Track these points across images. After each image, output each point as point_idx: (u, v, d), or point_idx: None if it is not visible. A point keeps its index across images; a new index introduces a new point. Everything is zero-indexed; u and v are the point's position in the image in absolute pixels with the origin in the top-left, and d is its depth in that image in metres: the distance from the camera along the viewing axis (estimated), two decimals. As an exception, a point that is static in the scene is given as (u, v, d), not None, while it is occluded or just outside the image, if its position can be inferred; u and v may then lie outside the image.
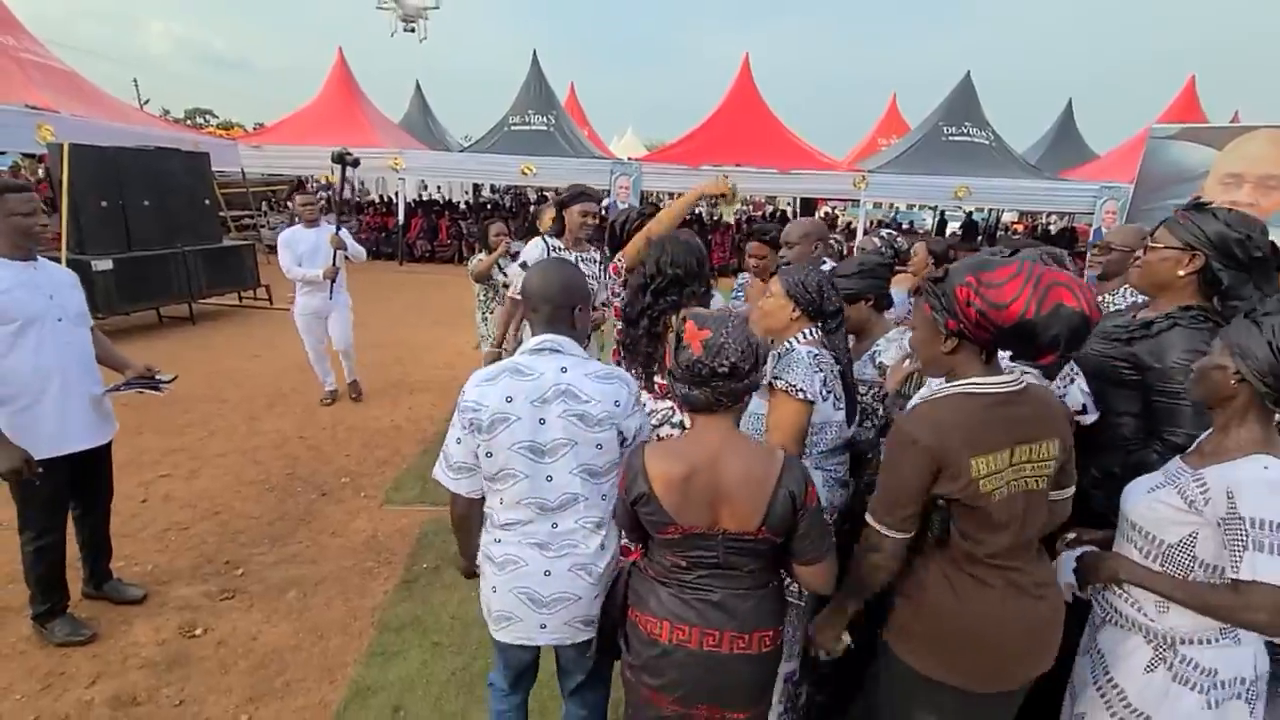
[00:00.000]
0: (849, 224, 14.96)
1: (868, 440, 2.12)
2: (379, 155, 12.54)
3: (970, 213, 18.76)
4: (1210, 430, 1.47)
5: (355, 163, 4.94)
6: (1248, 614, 1.36)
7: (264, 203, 15.60)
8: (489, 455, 1.58)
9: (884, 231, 2.31)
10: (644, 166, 12.78)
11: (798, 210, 18.95)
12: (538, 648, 1.76)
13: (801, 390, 1.81)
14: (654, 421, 2.20)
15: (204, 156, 8.66)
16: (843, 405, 2.00)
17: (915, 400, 1.57)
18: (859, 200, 13.03)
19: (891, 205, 22.56)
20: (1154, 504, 1.49)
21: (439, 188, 19.59)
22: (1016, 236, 17.60)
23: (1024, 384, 1.42)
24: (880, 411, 2.14)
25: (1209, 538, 1.39)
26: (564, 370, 1.59)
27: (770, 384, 1.85)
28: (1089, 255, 5.41)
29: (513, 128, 13.54)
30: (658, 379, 2.23)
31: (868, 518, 1.48)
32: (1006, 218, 20.03)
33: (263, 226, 13.39)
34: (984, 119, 13.03)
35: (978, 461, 1.36)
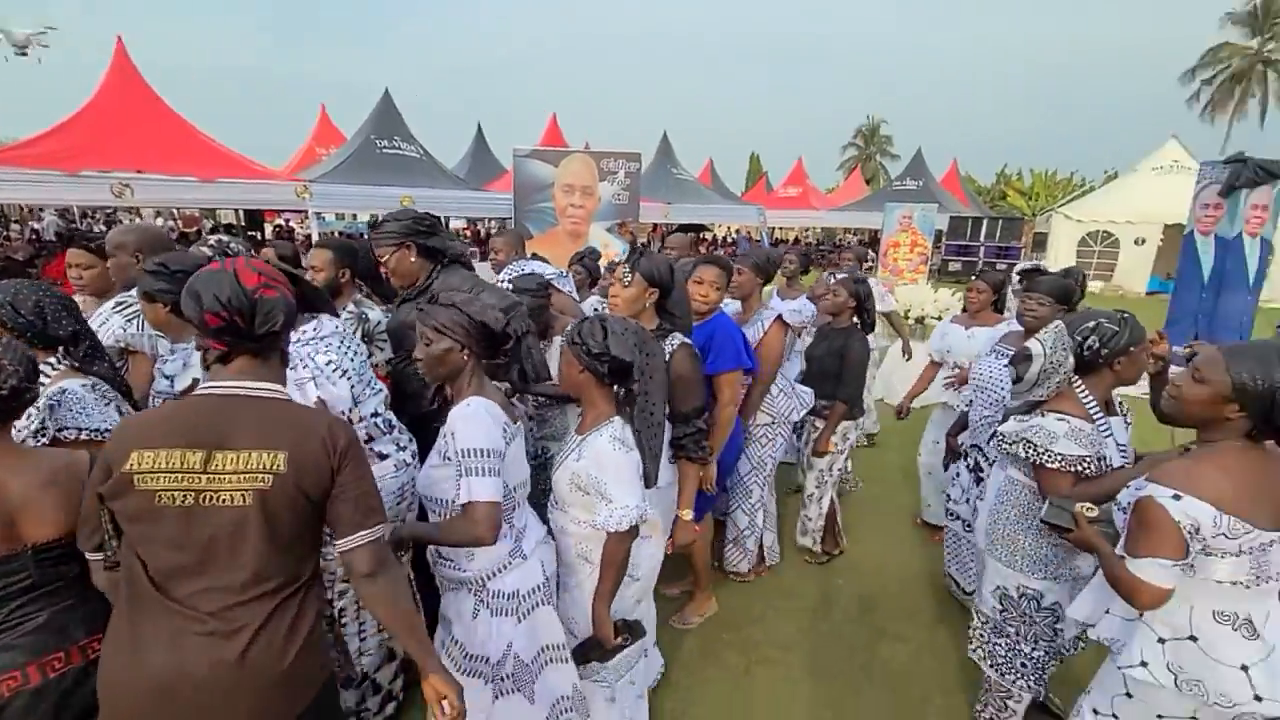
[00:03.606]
0: (308, 235, 14.39)
1: None
2: None
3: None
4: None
5: None
6: (475, 530, 1.51)
7: None
8: None
9: (214, 239, 2.35)
10: (-21, 171, 9.25)
11: (243, 222, 17.05)
12: None
13: (94, 432, 1.63)
14: None
15: None
16: None
17: None
18: (308, 211, 12.67)
19: (354, 216, 22.63)
20: (430, 471, 1.70)
21: None
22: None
23: (259, 392, 1.26)
24: None
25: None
26: None
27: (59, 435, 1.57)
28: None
29: None
30: None
31: None
32: (456, 224, 22.67)
33: None
34: (410, 134, 14.38)
35: (139, 455, 1.18)
